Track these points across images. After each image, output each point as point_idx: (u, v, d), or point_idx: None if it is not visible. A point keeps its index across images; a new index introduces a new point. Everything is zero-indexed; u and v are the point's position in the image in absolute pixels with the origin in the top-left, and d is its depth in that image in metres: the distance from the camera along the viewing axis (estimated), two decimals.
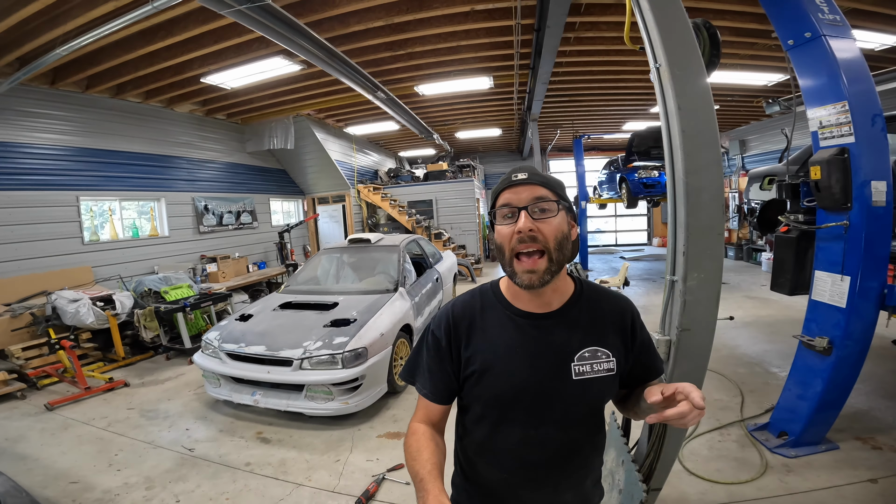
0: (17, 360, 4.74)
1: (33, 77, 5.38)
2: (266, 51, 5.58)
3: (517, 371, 1.02)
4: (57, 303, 5.08)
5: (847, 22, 2.61)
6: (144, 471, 3.07)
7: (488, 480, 1.11)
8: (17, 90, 5.46)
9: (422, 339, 1.16)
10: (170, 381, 4.82)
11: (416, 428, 1.09)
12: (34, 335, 5.03)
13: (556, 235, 0.96)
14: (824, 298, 2.78)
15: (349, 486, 2.80)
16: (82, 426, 3.80)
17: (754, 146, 11.83)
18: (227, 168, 9.30)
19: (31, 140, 5.86)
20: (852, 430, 3.10)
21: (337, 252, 5.85)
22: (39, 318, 5.06)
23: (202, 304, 5.88)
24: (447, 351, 1.08)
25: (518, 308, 1.06)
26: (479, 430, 1.09)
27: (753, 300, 7.31)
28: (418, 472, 0.96)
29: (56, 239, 6.06)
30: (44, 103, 5.97)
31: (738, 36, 5.44)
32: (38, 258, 5.82)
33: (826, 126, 2.66)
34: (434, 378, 1.10)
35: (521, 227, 0.94)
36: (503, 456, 1.07)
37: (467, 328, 1.08)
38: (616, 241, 17.41)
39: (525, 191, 0.98)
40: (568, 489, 1.09)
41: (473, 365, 1.05)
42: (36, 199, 5.85)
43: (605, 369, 1.03)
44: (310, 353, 3.56)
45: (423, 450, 1.01)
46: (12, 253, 5.56)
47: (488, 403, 1.06)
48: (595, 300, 1.09)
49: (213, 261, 8.16)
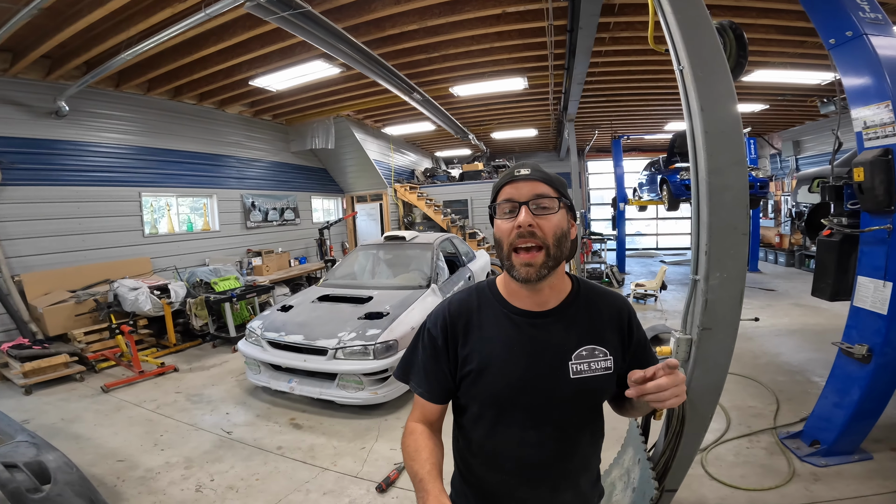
0: (78, 343, 5.16)
1: (99, 80, 5.77)
2: (308, 54, 5.83)
3: (514, 370, 1.01)
4: (118, 290, 5.49)
5: (889, 20, 2.50)
6: (185, 451, 3.28)
7: (486, 481, 1.09)
8: (85, 92, 5.88)
9: (417, 338, 1.13)
10: (215, 368, 5.13)
11: (414, 428, 1.08)
12: (96, 320, 5.45)
13: (555, 232, 0.96)
14: (866, 305, 2.67)
15: (371, 473, 2.93)
16: (134, 408, 4.08)
17: (809, 147, 11.16)
18: (273, 167, 9.75)
19: (98, 139, 6.37)
20: (889, 440, 2.95)
21: (373, 248, 6.03)
22: (102, 305, 5.48)
23: (247, 295, 6.22)
24: (444, 349, 1.07)
25: (515, 306, 1.05)
26: (477, 429, 1.08)
27: (802, 308, 6.94)
28: (417, 473, 0.95)
29: (119, 231, 6.58)
30: (109, 105, 6.47)
31: (785, 34, 5.20)
32: (103, 249, 6.32)
33: (870, 126, 2.56)
34: (430, 377, 1.08)
35: (521, 221, 0.94)
36: (501, 456, 1.06)
37: (464, 326, 1.06)
38: (657, 245, 16.85)
39: (526, 186, 0.97)
40: (567, 489, 1.08)
41: (470, 364, 1.04)
42: (102, 195, 6.36)
43: (602, 368, 1.02)
44: (344, 343, 3.73)
45: (422, 450, 1.01)
46: (80, 243, 6.07)
47: (485, 403, 1.05)
48: (592, 299, 1.09)
49: (258, 255, 8.59)
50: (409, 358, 1.15)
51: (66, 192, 5.95)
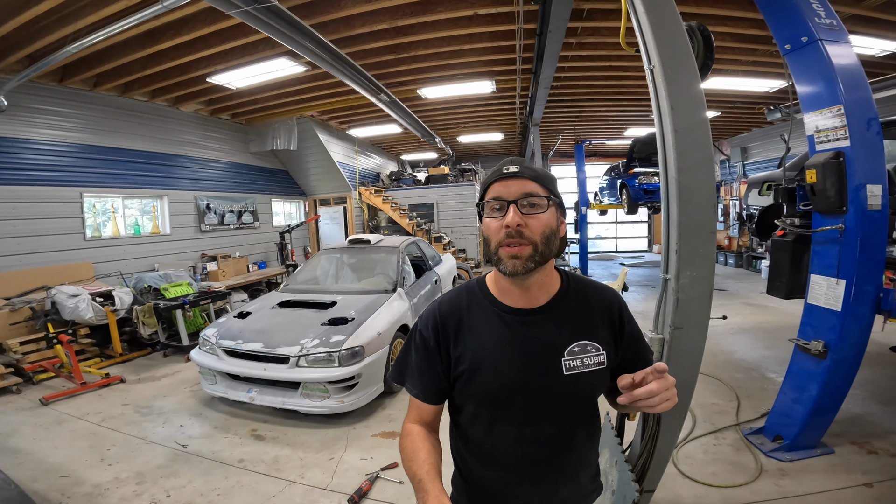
0: (14, 354, 4.74)
1: (42, 74, 5.42)
2: (272, 52, 5.63)
3: (507, 368, 1.01)
4: (56, 297, 5.10)
5: (844, 27, 2.63)
6: (136, 466, 3.08)
7: (485, 479, 1.10)
8: (26, 87, 5.51)
9: (409, 339, 1.14)
10: (166, 378, 4.83)
11: (410, 429, 1.08)
12: (32, 329, 5.05)
13: (543, 231, 0.95)
14: (820, 302, 2.78)
15: (342, 485, 2.80)
16: (76, 421, 3.80)
17: (756, 153, 11.84)
18: (230, 168, 9.35)
19: (38, 136, 5.91)
20: (848, 434, 3.09)
21: (337, 252, 5.87)
22: (38, 313, 5.08)
23: (201, 301, 5.90)
24: (436, 350, 1.07)
25: (505, 304, 1.05)
26: (474, 428, 1.08)
27: (752, 307, 7.30)
28: (416, 473, 0.95)
29: (58, 234, 6.09)
30: (52, 100, 6.03)
31: (739, 42, 5.45)
32: (40, 253, 5.85)
33: (822, 130, 2.68)
34: (424, 378, 1.09)
35: (509, 221, 0.93)
36: (499, 454, 1.06)
37: (455, 326, 1.07)
38: (616, 248, 17.40)
39: (515, 184, 0.96)
40: (566, 484, 1.08)
41: (463, 364, 1.04)
42: (40, 195, 5.89)
43: (595, 363, 1.02)
44: (307, 350, 3.57)
45: (420, 450, 1.00)
46: (14, 247, 5.59)
47: (481, 402, 1.05)
48: (582, 294, 1.09)
49: (213, 259, 8.19)
50: (402, 360, 1.15)
51: (0, 192, 5.48)
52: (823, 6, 2.60)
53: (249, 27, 4.32)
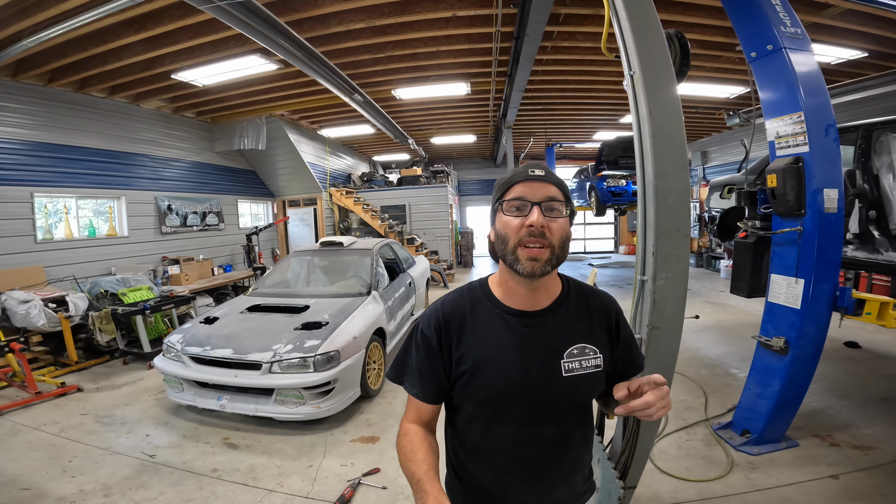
0: None
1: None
2: (242, 48, 5.46)
3: (508, 369, 1.02)
4: (6, 304, 4.80)
5: (807, 35, 2.77)
6: (101, 478, 2.92)
7: (482, 480, 1.10)
8: None
9: (410, 338, 1.15)
10: (127, 386, 4.59)
11: (409, 429, 1.08)
12: None
13: (561, 235, 0.98)
14: (780, 300, 2.92)
15: (323, 492, 2.73)
16: (32, 432, 3.58)
17: (715, 157, 12.38)
18: (194, 167, 8.99)
19: None
20: (810, 428, 3.26)
21: (308, 255, 5.73)
22: None
23: (163, 306, 5.63)
24: (437, 350, 1.08)
25: (508, 306, 1.07)
26: (471, 429, 1.09)
27: (713, 305, 7.62)
28: (414, 473, 0.95)
29: (7, 237, 5.69)
30: (2, 95, 5.65)
31: (704, 49, 5.68)
32: None
33: (783, 136, 2.82)
34: (424, 378, 1.09)
35: (535, 221, 0.95)
36: (497, 455, 1.07)
37: (458, 327, 1.07)
38: (584, 249, 17.81)
39: (541, 188, 0.99)
40: (561, 485, 1.10)
41: (465, 364, 1.05)
42: None
43: (592, 366, 1.05)
44: (280, 356, 3.46)
45: (418, 450, 1.00)
46: None
47: (481, 403, 1.06)
48: (582, 298, 1.12)
49: (175, 262, 7.83)
50: (402, 359, 1.15)
51: None
52: (790, 15, 2.74)
53: (220, 23, 4.19)
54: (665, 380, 0.92)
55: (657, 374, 0.92)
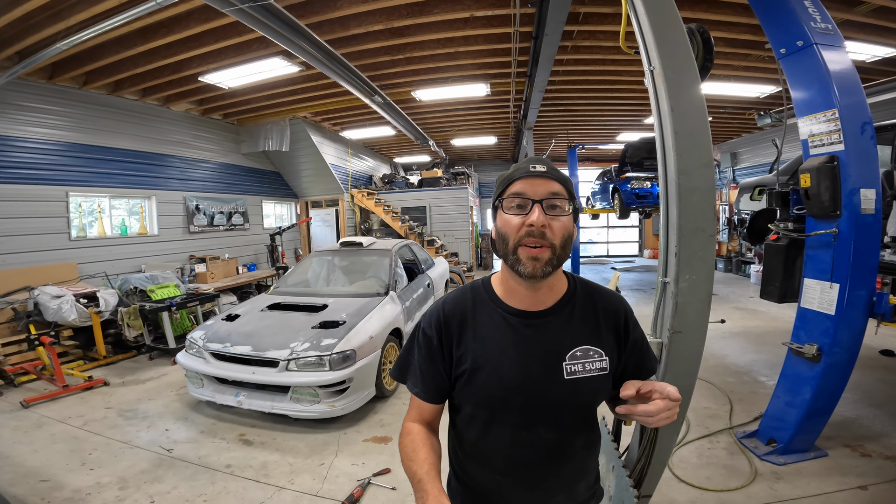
0: None
1: (32, 71, 5.34)
2: (266, 51, 5.57)
3: (508, 370, 1.00)
4: (39, 298, 4.98)
5: (839, 32, 2.64)
6: (118, 471, 2.99)
7: (480, 482, 1.08)
8: (14, 84, 5.43)
9: (412, 337, 1.13)
10: (151, 381, 4.72)
11: (411, 428, 1.07)
12: (14, 331, 4.93)
13: (563, 234, 0.94)
14: (813, 306, 2.78)
15: (333, 491, 2.74)
16: (57, 424, 3.70)
17: (745, 159, 11.96)
18: (221, 168, 9.24)
19: (24, 134, 5.79)
20: (841, 437, 3.10)
21: (328, 255, 5.79)
22: (21, 314, 4.96)
23: (188, 303, 5.79)
24: (438, 349, 1.06)
25: (510, 306, 1.04)
26: (471, 430, 1.07)
27: (742, 311, 7.35)
28: (416, 473, 0.94)
29: (42, 234, 5.95)
30: (40, 98, 5.92)
31: (732, 47, 5.50)
32: (23, 253, 5.70)
33: (816, 134, 2.69)
34: (425, 377, 1.08)
35: (535, 220, 0.92)
36: (494, 457, 1.05)
37: (459, 326, 1.05)
38: (608, 252, 17.49)
39: (542, 184, 0.95)
40: (560, 491, 1.06)
41: (464, 364, 1.03)
42: (24, 194, 5.75)
43: (597, 369, 1.01)
44: (297, 354, 3.50)
45: (419, 449, 0.99)
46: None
47: (479, 403, 1.04)
48: (589, 298, 1.07)
49: (202, 261, 8.06)
50: (405, 358, 1.14)
51: None
52: (819, 11, 2.62)
53: (243, 26, 4.28)
54: (680, 397, 0.87)
55: (674, 388, 0.87)
